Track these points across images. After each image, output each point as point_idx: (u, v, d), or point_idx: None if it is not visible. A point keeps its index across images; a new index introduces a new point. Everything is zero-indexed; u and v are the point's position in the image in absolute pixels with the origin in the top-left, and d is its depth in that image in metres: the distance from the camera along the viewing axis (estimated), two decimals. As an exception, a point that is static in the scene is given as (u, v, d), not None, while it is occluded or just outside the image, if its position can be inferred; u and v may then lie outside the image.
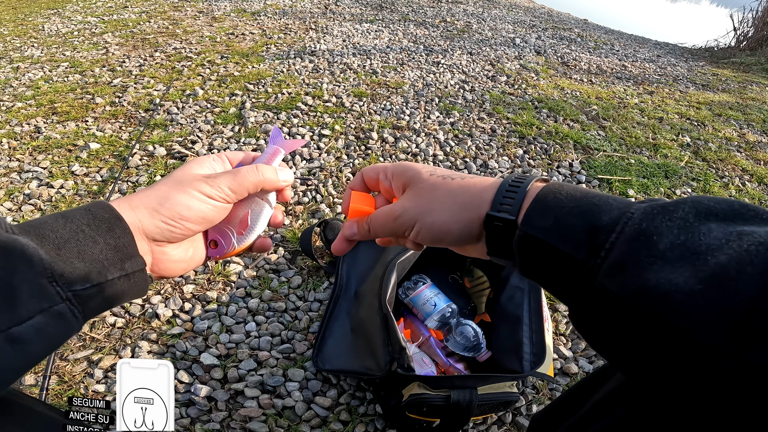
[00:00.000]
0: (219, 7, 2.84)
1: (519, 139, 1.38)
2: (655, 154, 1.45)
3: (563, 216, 0.23)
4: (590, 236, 0.22)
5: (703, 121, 1.75)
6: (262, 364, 0.69)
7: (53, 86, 1.56)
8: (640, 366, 0.21)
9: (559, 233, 0.23)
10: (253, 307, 0.77)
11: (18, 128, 1.26)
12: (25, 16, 2.87)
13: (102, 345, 0.70)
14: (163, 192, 0.29)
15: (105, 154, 1.14)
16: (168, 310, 0.75)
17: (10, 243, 0.23)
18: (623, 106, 1.79)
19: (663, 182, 1.29)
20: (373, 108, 1.46)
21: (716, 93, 2.11)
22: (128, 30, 2.31)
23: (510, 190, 0.26)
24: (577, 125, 1.55)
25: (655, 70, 2.36)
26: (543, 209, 0.24)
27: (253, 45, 2.06)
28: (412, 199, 0.30)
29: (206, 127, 1.28)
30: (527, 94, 1.75)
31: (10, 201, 0.97)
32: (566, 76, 2.05)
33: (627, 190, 1.23)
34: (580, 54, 2.45)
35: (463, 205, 0.28)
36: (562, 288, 0.24)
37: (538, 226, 0.24)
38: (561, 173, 1.25)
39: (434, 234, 0.29)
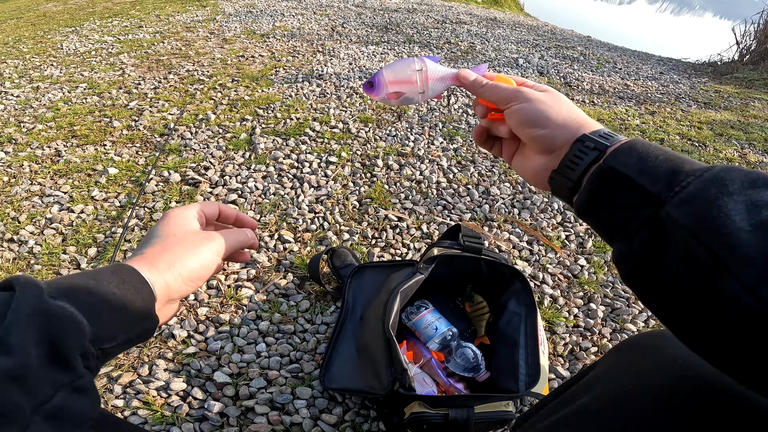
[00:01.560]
0: (229, 29, 2.98)
1: (520, 163, 1.46)
2: None
3: (647, 158, 0.27)
4: (670, 175, 0.25)
5: (704, 141, 1.81)
6: (271, 383, 0.75)
7: (72, 108, 1.67)
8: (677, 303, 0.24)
9: (640, 169, 0.27)
10: (264, 329, 0.84)
11: (39, 151, 1.36)
12: (44, 33, 3.04)
13: (121, 363, 0.77)
14: (179, 255, 0.34)
15: (123, 179, 1.23)
16: (183, 331, 0.82)
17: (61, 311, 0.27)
18: (625, 127, 1.86)
19: None
20: (379, 134, 1.55)
21: (718, 111, 2.18)
22: (143, 50, 2.45)
23: (608, 133, 0.32)
24: (579, 148, 1.62)
25: (657, 89, 2.44)
26: (630, 150, 0.28)
27: (262, 68, 2.18)
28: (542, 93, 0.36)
29: (218, 153, 1.37)
30: (529, 116, 1.83)
31: (33, 225, 1.06)
32: (569, 98, 2.13)
33: None
34: (583, 73, 2.54)
35: (569, 118, 0.34)
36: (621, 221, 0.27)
37: (622, 161, 0.28)
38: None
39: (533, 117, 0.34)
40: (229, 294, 0.90)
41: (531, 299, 0.75)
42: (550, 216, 1.23)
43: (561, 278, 1.04)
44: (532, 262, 1.07)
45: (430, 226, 1.13)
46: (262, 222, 1.10)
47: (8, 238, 1.01)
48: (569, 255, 1.11)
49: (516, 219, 1.20)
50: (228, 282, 0.93)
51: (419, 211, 1.18)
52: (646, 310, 0.98)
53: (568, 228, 1.20)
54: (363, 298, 0.82)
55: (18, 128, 1.50)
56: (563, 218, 1.23)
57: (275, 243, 1.04)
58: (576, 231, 1.19)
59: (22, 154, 1.34)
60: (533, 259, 1.08)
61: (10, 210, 1.10)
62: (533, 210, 1.24)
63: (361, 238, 1.07)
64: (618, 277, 1.05)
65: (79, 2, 4.63)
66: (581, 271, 1.06)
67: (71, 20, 3.52)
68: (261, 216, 1.12)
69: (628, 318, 0.96)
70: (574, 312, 0.95)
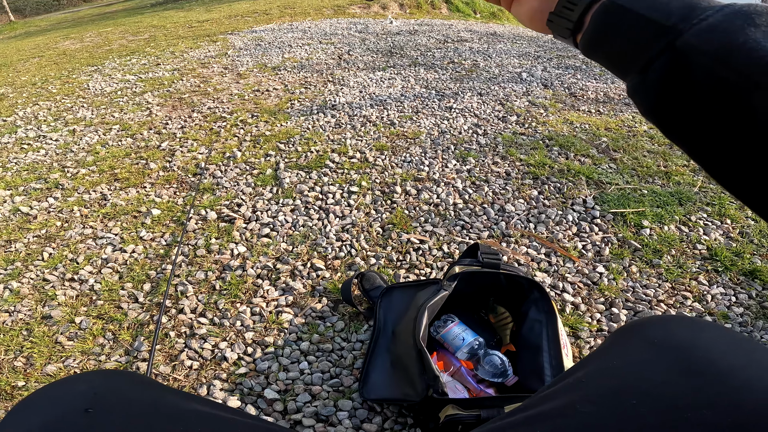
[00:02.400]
0: (242, 63, 3.18)
1: (533, 180, 1.55)
2: (668, 182, 1.55)
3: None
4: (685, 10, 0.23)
5: (714, 143, 1.87)
6: (315, 397, 0.84)
7: (110, 151, 1.83)
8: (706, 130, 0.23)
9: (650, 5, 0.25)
10: (305, 348, 0.94)
11: (86, 196, 1.50)
12: (69, 72, 3.29)
13: (183, 384, 0.87)
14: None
15: (165, 219, 1.37)
16: (234, 354, 0.92)
17: None
18: (632, 134, 1.93)
19: (678, 210, 1.37)
20: (395, 161, 1.67)
21: (726, 113, 2.23)
22: (165, 89, 2.65)
23: None
24: (588, 160, 1.70)
25: (663, 94, 2.51)
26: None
27: (278, 101, 2.34)
28: None
29: (248, 189, 1.50)
30: (537, 132, 1.93)
31: (90, 265, 1.18)
32: (574, 108, 2.23)
33: (641, 221, 1.31)
34: (587, 82, 2.64)
35: None
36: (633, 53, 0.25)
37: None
38: (575, 210, 1.39)
39: None
40: (271, 319, 1.01)
41: (549, 306, 0.83)
42: (565, 228, 1.31)
43: (581, 286, 1.11)
44: (551, 272, 1.15)
45: (450, 246, 1.22)
46: (295, 253, 1.21)
47: (69, 278, 1.14)
48: (587, 264, 1.18)
49: (532, 233, 1.28)
50: (269, 308, 1.04)
51: (439, 232, 1.28)
52: (669, 312, 1.03)
53: (584, 238, 1.27)
54: (393, 316, 0.92)
55: (63, 173, 1.67)
56: (578, 229, 1.30)
57: (308, 271, 1.14)
58: (592, 240, 1.26)
59: (71, 199, 1.49)
60: (552, 269, 1.16)
61: (67, 252, 1.23)
62: (548, 223, 1.32)
63: (386, 262, 1.17)
64: (638, 282, 1.12)
65: (95, 40, 4.97)
66: (600, 278, 1.13)
67: (91, 59, 3.79)
68: (293, 247, 1.23)
69: None
70: (596, 317, 1.02)
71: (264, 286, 1.09)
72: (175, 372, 0.89)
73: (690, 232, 1.29)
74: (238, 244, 1.23)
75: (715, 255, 1.19)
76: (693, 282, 1.12)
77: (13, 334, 0.98)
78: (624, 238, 1.26)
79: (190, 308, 1.03)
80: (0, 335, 0.98)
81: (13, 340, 0.96)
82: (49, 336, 0.97)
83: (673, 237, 1.26)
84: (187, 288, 1.08)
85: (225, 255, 1.20)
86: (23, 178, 1.65)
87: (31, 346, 0.95)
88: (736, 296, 1.08)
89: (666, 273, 1.14)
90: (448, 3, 6.46)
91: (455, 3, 6.47)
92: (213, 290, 1.09)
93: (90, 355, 0.92)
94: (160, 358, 0.92)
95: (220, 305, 1.04)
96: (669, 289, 1.10)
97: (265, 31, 4.50)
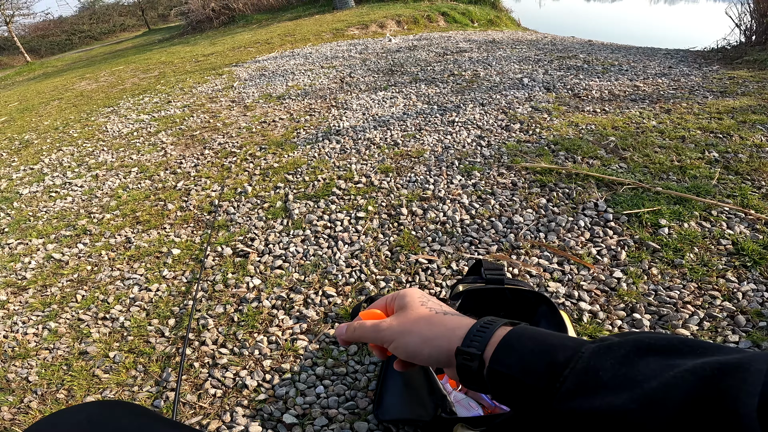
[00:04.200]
0: (248, 95, 3.31)
1: (540, 189, 1.55)
2: (683, 176, 1.50)
3: (525, 355, 0.31)
4: (548, 370, 0.29)
5: (727, 131, 1.81)
6: (332, 420, 0.86)
7: (131, 194, 1.93)
8: None
9: (523, 369, 0.30)
10: (320, 373, 0.96)
11: (112, 240, 1.59)
12: (87, 115, 3.49)
13: (208, 412, 0.91)
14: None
15: (185, 258, 1.43)
16: (254, 381, 0.96)
17: None
18: (641, 131, 1.90)
19: (697, 205, 1.33)
20: (400, 182, 1.70)
21: (736, 98, 2.18)
22: (177, 127, 2.77)
23: (480, 330, 0.34)
24: (597, 161, 1.68)
25: (669, 85, 2.47)
26: (508, 350, 0.32)
27: (284, 132, 2.42)
28: (399, 319, 0.39)
29: (260, 223, 1.55)
30: (542, 138, 1.93)
31: (119, 304, 1.25)
32: (579, 110, 2.22)
33: (658, 221, 1.28)
34: (590, 82, 2.63)
35: (437, 335, 0.36)
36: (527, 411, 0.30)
37: (504, 363, 0.31)
38: (587, 215, 1.36)
39: (409, 353, 0.37)
40: (287, 347, 1.04)
41: (559, 318, 0.83)
42: (577, 234, 1.30)
43: (598, 293, 1.10)
44: (565, 282, 1.14)
45: (459, 263, 1.23)
46: (306, 282, 1.24)
47: (101, 317, 1.21)
48: (603, 269, 1.16)
49: (543, 242, 1.28)
50: (285, 337, 1.07)
51: (447, 250, 1.29)
52: (698, 313, 1.00)
53: (598, 243, 1.25)
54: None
55: (90, 219, 1.77)
56: (591, 234, 1.29)
57: (320, 299, 1.17)
58: (607, 245, 1.24)
59: (98, 244, 1.58)
60: (566, 278, 1.15)
61: (98, 294, 1.31)
62: (559, 231, 1.32)
63: (396, 284, 1.19)
64: (660, 284, 1.09)
65: (109, 79, 5.26)
66: (618, 284, 1.10)
67: (107, 99, 4.01)
68: (305, 276, 1.26)
69: (678, 323, 0.97)
70: (617, 324, 0.99)
71: (279, 315, 1.13)
72: (200, 400, 0.93)
73: (712, 228, 1.24)
74: (253, 278, 1.28)
75: (742, 249, 1.15)
76: (720, 280, 1.07)
77: (54, 369, 1.06)
78: (641, 240, 1.24)
79: (211, 340, 1.08)
80: (42, 370, 1.07)
81: (54, 375, 1.04)
82: (87, 370, 1.05)
83: (694, 234, 1.23)
84: (207, 321, 1.13)
85: (241, 288, 1.24)
86: (53, 226, 1.76)
87: (71, 379, 1.02)
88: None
89: (690, 273, 1.10)
90: (445, 15, 6.57)
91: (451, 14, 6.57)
92: (232, 322, 1.13)
93: (125, 387, 0.98)
94: (187, 387, 0.97)
95: (239, 336, 1.08)
96: (695, 290, 1.06)
97: (267, 60, 4.67)
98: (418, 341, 0.37)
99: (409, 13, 6.43)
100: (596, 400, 0.26)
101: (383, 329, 0.39)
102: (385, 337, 0.39)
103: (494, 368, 0.32)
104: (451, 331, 0.36)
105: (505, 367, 0.31)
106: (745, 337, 0.94)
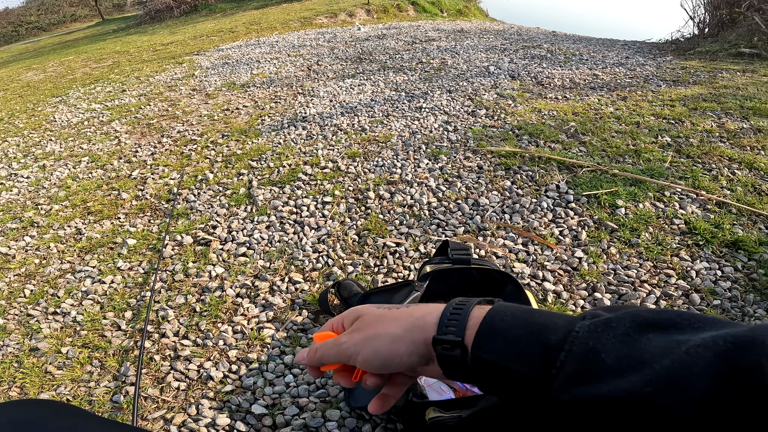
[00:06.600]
0: (210, 83, 3.17)
1: (505, 171, 1.57)
2: (638, 159, 1.57)
3: (512, 338, 0.27)
4: (541, 355, 0.25)
5: (679, 117, 1.91)
6: (303, 409, 0.84)
7: (81, 184, 1.81)
8: None
9: (511, 354, 0.26)
10: (289, 362, 0.94)
11: (61, 231, 1.48)
12: (34, 105, 3.25)
13: (172, 405, 0.87)
14: None
15: (141, 248, 1.35)
16: (219, 372, 0.92)
17: None
18: (599, 117, 1.97)
19: (651, 187, 1.38)
20: (367, 167, 1.68)
21: (688, 87, 2.29)
22: (132, 116, 2.62)
23: (454, 312, 0.30)
24: (558, 145, 1.72)
25: (625, 74, 2.57)
26: (492, 332, 0.28)
27: (248, 119, 2.33)
28: (358, 327, 0.34)
29: (222, 210, 1.49)
30: (507, 123, 1.96)
31: (71, 298, 1.17)
32: (542, 97, 2.27)
33: (615, 201, 1.32)
34: (553, 70, 2.69)
35: (409, 329, 0.31)
36: (521, 402, 0.27)
37: (489, 349, 0.27)
38: (549, 196, 1.40)
39: (382, 358, 0.31)
40: (253, 336, 1.00)
41: (525, 298, 0.84)
42: (540, 215, 1.32)
43: (561, 273, 1.12)
44: (530, 262, 1.16)
45: (426, 246, 1.23)
46: (272, 269, 1.20)
47: (52, 312, 1.13)
48: (565, 250, 1.19)
49: (508, 224, 1.30)
50: (251, 326, 1.03)
51: (415, 233, 1.28)
52: (654, 292, 1.03)
53: (560, 224, 1.29)
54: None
55: (36, 211, 1.64)
56: (554, 215, 1.32)
57: (287, 285, 1.14)
58: (568, 225, 1.27)
59: (47, 236, 1.47)
60: (530, 259, 1.17)
61: (47, 288, 1.22)
62: (523, 212, 1.34)
63: (364, 269, 1.17)
64: (619, 263, 1.12)
65: (58, 69, 4.91)
66: (580, 263, 1.13)
67: (55, 89, 3.74)
68: (270, 263, 1.22)
69: (637, 302, 1.00)
70: (580, 304, 1.01)
71: (244, 304, 1.09)
72: (163, 394, 0.89)
73: (666, 208, 1.30)
74: (216, 266, 1.23)
75: (694, 229, 1.20)
76: (675, 259, 1.11)
77: (5, 366, 1.00)
78: (600, 220, 1.28)
79: (172, 332, 1.03)
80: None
81: (6, 372, 0.98)
82: (39, 366, 0.99)
83: (649, 214, 1.28)
84: (167, 312, 1.08)
85: (203, 277, 1.19)
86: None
87: (22, 376, 0.96)
88: (721, 270, 1.07)
89: (646, 252, 1.14)
90: (415, 5, 6.54)
91: (421, 4, 6.56)
92: (194, 313, 1.08)
93: (80, 383, 0.93)
94: (148, 381, 0.92)
95: (202, 326, 1.04)
96: (651, 269, 1.10)
97: (232, 48, 4.49)
98: (388, 342, 0.31)
99: (379, 2, 6.36)
100: (603, 386, 0.23)
101: (343, 342, 0.34)
102: (348, 351, 0.33)
103: (478, 355, 0.28)
104: (422, 318, 0.31)
105: (491, 354, 0.27)
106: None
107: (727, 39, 3.04)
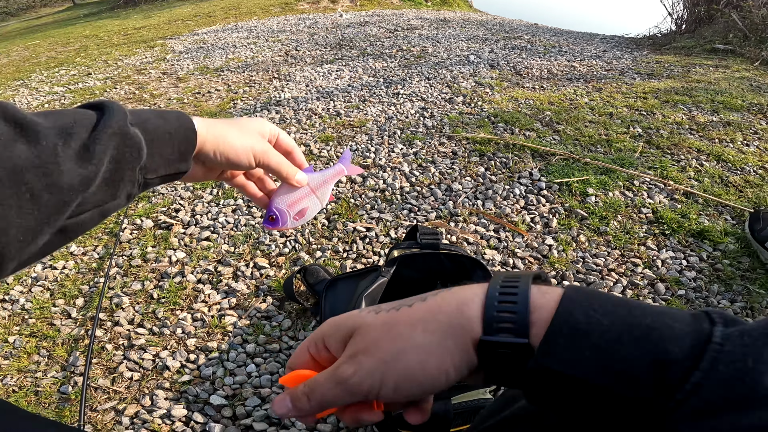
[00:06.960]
0: (182, 67, 3.05)
1: (479, 158, 1.55)
2: (610, 149, 1.60)
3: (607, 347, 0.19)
4: (655, 371, 0.19)
5: (651, 110, 1.94)
6: (265, 400, 0.81)
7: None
8: None
9: (606, 369, 0.19)
10: (251, 351, 0.90)
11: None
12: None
13: (124, 396, 0.83)
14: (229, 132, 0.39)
15: (97, 231, 1.28)
16: (176, 362, 0.88)
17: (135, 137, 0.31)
18: (574, 107, 1.98)
19: (621, 176, 1.40)
20: (340, 151, 1.64)
21: (661, 80, 2.33)
22: (95, 99, 2.49)
23: (504, 300, 0.22)
24: (533, 133, 1.72)
25: (602, 66, 2.59)
26: (572, 333, 0.20)
27: (220, 102, 2.25)
28: (362, 349, 0.24)
29: (186, 194, 1.43)
30: (483, 110, 1.94)
31: (20, 284, 1.10)
32: (519, 86, 2.26)
33: (586, 189, 1.33)
34: (531, 61, 2.69)
35: (445, 331, 0.22)
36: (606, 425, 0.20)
37: (567, 358, 0.20)
38: (522, 183, 1.40)
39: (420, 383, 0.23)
40: (214, 323, 0.96)
41: None
42: (512, 202, 1.32)
43: (531, 260, 1.12)
44: (501, 249, 1.15)
45: (397, 231, 1.20)
46: (237, 253, 1.16)
47: (0, 299, 1.06)
48: (536, 237, 1.19)
49: (480, 210, 1.29)
50: (212, 313, 0.99)
51: (386, 218, 1.26)
52: (621, 281, 1.03)
53: (532, 210, 1.28)
54: (339, 309, 0.89)
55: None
56: (526, 202, 1.32)
57: (251, 270, 1.10)
58: (540, 212, 1.27)
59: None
60: (502, 246, 1.16)
61: (-10, 278, 1.14)
62: (495, 199, 1.33)
63: (332, 254, 1.14)
64: (587, 251, 1.12)
65: (23, 54, 4.65)
66: (550, 251, 1.13)
67: (18, 73, 3.54)
68: (235, 248, 1.18)
69: (604, 290, 1.02)
70: None
71: (205, 290, 1.04)
72: (115, 384, 0.85)
73: (634, 197, 1.31)
74: (177, 251, 1.17)
75: (661, 218, 1.21)
76: (641, 247, 1.12)
77: None
78: (570, 208, 1.28)
79: (126, 320, 0.98)
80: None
81: None
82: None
83: (618, 202, 1.29)
84: (122, 299, 1.02)
85: (162, 263, 1.13)
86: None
87: None
88: (686, 260, 1.09)
89: (614, 240, 1.15)
90: (397, -8, 6.45)
91: (404, -8, 6.47)
92: (151, 299, 1.03)
93: (26, 373, 0.88)
94: (99, 371, 0.88)
95: (159, 314, 0.99)
96: (618, 257, 1.10)
97: (208, 33, 4.33)
98: (422, 358, 0.22)
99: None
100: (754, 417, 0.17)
101: (348, 376, 0.24)
102: (361, 386, 0.23)
103: (548, 366, 0.20)
104: (459, 313, 0.22)
105: (569, 366, 0.19)
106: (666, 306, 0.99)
107: (703, 35, 3.11)
